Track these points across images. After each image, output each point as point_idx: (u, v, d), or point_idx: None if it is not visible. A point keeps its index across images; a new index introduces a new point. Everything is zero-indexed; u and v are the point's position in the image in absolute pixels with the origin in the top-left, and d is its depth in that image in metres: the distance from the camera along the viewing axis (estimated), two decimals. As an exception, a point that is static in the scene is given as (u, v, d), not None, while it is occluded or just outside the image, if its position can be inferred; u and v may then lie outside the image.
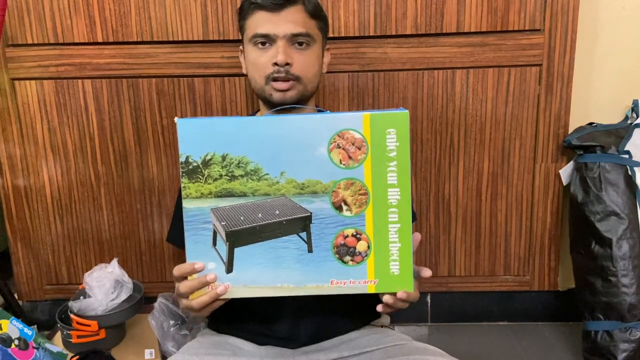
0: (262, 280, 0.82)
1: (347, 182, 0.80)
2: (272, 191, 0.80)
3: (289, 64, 1.00)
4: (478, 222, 1.58)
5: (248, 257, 0.82)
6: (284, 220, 0.80)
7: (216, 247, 0.82)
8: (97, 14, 1.43)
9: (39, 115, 1.51)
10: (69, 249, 1.61)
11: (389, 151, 0.78)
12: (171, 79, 1.48)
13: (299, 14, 1.01)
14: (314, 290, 0.82)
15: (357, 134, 0.78)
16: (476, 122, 1.50)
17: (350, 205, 0.80)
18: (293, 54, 1.00)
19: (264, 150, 0.79)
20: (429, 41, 1.45)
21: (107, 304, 1.34)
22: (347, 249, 0.81)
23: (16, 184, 1.55)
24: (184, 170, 0.80)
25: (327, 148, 0.79)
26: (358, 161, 0.79)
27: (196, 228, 0.81)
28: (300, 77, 1.01)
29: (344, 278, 0.82)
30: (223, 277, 0.82)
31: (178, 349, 1.14)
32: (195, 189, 0.80)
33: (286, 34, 1.00)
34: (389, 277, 0.81)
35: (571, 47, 1.45)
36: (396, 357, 0.96)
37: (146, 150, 1.53)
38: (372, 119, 0.78)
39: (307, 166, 0.79)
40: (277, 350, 1.04)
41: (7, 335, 1.24)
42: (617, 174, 1.41)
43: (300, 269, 0.81)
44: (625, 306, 1.38)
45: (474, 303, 1.67)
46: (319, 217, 0.80)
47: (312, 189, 0.80)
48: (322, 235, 0.81)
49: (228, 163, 0.79)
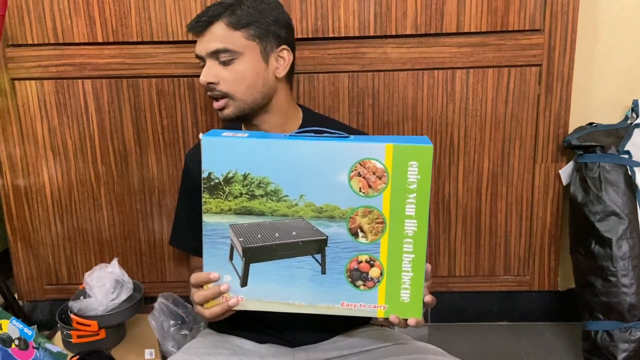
0: (274, 296, 0.84)
1: (365, 210, 0.80)
2: (291, 212, 0.81)
3: (212, 83, 1.00)
4: (478, 222, 1.58)
5: (263, 273, 0.83)
6: (300, 241, 0.82)
7: (232, 262, 0.84)
8: (97, 14, 1.43)
9: (39, 115, 1.51)
10: (69, 249, 1.61)
11: (410, 183, 0.79)
12: (171, 79, 1.48)
13: (219, 31, 0.99)
14: (324, 310, 0.84)
15: (379, 164, 0.79)
16: (476, 122, 1.51)
17: (367, 233, 0.81)
18: (220, 71, 1.00)
19: (285, 172, 0.80)
20: (429, 41, 1.45)
21: (107, 304, 1.34)
22: (360, 273, 0.82)
23: (16, 184, 1.55)
24: (205, 185, 0.81)
25: (348, 175, 0.79)
26: (378, 190, 0.79)
27: (214, 242, 0.82)
28: (229, 93, 1.00)
29: (354, 301, 0.83)
30: (237, 289, 0.84)
31: (178, 349, 1.14)
32: (215, 204, 0.81)
33: (207, 52, 1.00)
34: (399, 304, 0.83)
35: (571, 47, 1.45)
36: (396, 356, 0.96)
37: (146, 150, 1.53)
38: (395, 150, 0.78)
39: (327, 191, 0.80)
40: (277, 349, 1.04)
41: (7, 335, 1.24)
42: (617, 174, 1.41)
43: (313, 288, 0.83)
44: (625, 306, 1.38)
45: (474, 303, 1.67)
46: (335, 242, 0.82)
47: (330, 213, 0.81)
48: (336, 258, 0.82)
49: (249, 182, 0.80)
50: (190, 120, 1.50)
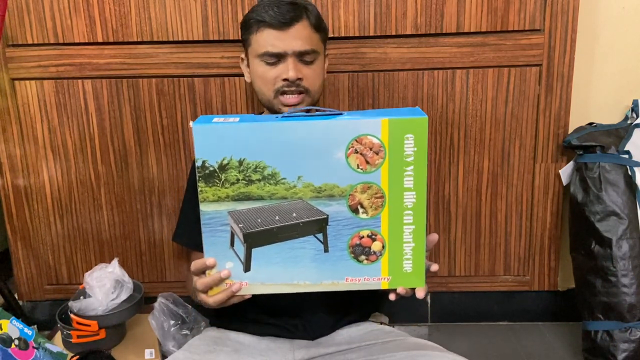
0: (279, 278, 0.84)
1: (364, 186, 0.80)
2: (290, 195, 0.81)
3: (299, 79, 1.02)
4: (478, 222, 1.58)
5: (265, 256, 0.83)
6: (301, 222, 0.82)
7: (234, 248, 0.83)
8: (97, 14, 1.43)
9: (39, 115, 1.51)
10: (69, 249, 1.61)
11: (407, 156, 0.79)
12: (171, 79, 1.48)
13: (305, 30, 1.02)
14: (330, 287, 0.84)
15: (375, 139, 0.78)
16: (476, 122, 1.51)
17: (367, 208, 0.81)
18: (302, 69, 1.03)
19: (281, 155, 0.79)
20: (429, 41, 1.45)
21: (107, 304, 1.35)
22: (363, 248, 0.83)
23: (16, 184, 1.55)
24: (200, 174, 0.80)
25: (345, 153, 0.79)
26: (375, 166, 0.79)
27: (214, 230, 0.82)
28: (309, 89, 1.04)
29: (358, 275, 0.84)
30: (241, 275, 0.84)
31: (179, 349, 1.14)
32: (212, 192, 0.81)
33: (295, 51, 1.01)
34: (402, 274, 0.83)
35: (571, 47, 1.45)
36: (395, 351, 0.97)
37: (146, 150, 1.53)
38: (390, 124, 0.78)
39: (325, 171, 0.80)
40: (277, 344, 1.05)
41: (7, 335, 1.24)
42: (617, 174, 1.41)
43: (317, 267, 0.83)
44: (625, 306, 1.38)
45: (474, 303, 1.67)
46: (336, 219, 0.82)
47: (329, 192, 0.81)
48: (338, 236, 0.82)
49: (245, 168, 0.80)
50: (190, 120, 1.50)
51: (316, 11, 1.06)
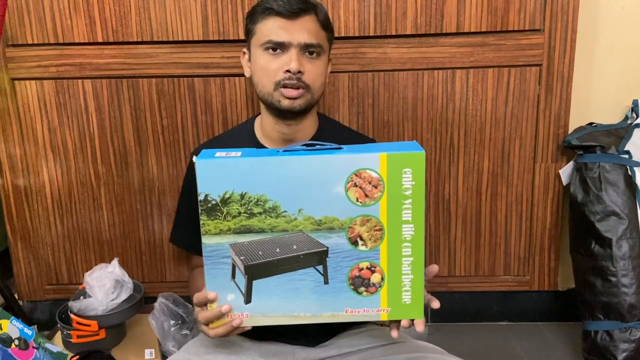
0: (279, 310, 0.85)
1: (363, 219, 0.81)
2: (290, 227, 0.81)
3: (301, 72, 1.00)
4: (478, 222, 1.58)
5: (266, 288, 0.84)
6: (302, 255, 0.82)
7: (235, 280, 0.84)
8: (97, 14, 1.43)
9: (39, 115, 1.51)
10: (69, 249, 1.61)
11: (405, 189, 0.80)
12: (171, 79, 1.48)
13: (312, 24, 1.01)
14: (330, 319, 0.85)
15: (374, 173, 0.79)
16: (476, 122, 1.51)
17: (366, 241, 0.82)
18: (305, 63, 1.00)
19: (282, 188, 0.80)
20: (429, 41, 1.45)
21: (107, 304, 1.34)
22: (362, 280, 0.83)
23: (16, 184, 1.55)
24: (202, 208, 0.81)
25: (345, 187, 0.80)
26: (374, 199, 0.80)
27: (215, 262, 0.83)
28: (310, 85, 1.01)
29: (358, 307, 0.84)
30: (242, 307, 0.84)
31: (179, 349, 1.14)
32: (214, 225, 0.81)
33: (300, 42, 0.99)
34: (401, 305, 0.84)
35: (571, 47, 1.45)
36: (395, 354, 0.97)
37: (146, 150, 1.53)
38: (389, 158, 0.79)
39: (325, 204, 0.81)
40: (277, 347, 1.04)
41: (7, 335, 1.24)
42: (617, 174, 1.41)
43: (317, 299, 0.84)
44: (625, 306, 1.38)
45: (474, 303, 1.67)
46: (335, 252, 0.82)
47: (329, 225, 0.81)
48: (338, 268, 0.83)
49: (247, 201, 0.81)
50: (190, 120, 1.50)
51: (325, 11, 1.05)
